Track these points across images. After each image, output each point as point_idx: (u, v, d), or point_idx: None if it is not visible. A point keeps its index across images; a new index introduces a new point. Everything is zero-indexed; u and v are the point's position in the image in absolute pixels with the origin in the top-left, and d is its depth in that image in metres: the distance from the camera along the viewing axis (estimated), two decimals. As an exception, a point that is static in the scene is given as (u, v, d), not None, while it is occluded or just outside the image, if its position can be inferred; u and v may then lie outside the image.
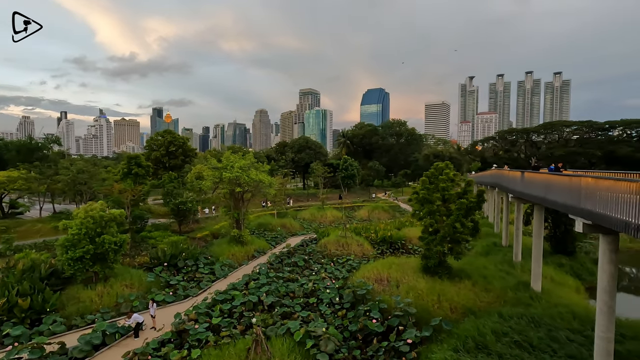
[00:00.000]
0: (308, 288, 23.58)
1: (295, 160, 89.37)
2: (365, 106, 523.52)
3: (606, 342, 13.14)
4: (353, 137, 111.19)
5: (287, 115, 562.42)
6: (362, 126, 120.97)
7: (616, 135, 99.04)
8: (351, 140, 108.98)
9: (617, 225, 11.49)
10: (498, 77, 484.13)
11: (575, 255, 30.52)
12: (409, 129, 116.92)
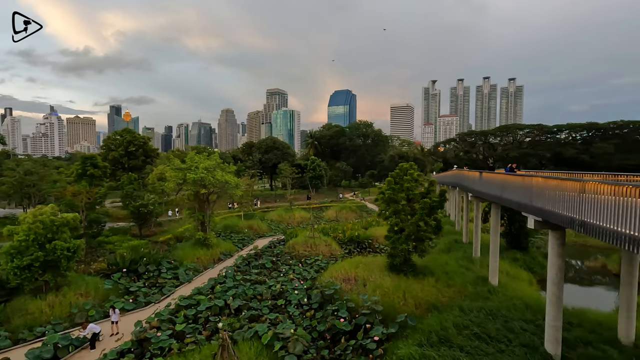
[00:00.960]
0: (276, 290, 23.39)
1: (263, 161, 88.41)
2: (332, 107, 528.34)
3: (555, 330, 14.17)
4: (321, 137, 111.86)
5: (254, 115, 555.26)
6: (330, 127, 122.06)
7: (563, 138, 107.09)
8: (319, 141, 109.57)
9: (564, 221, 12.42)
10: (458, 81, 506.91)
11: (528, 250, 32.60)
12: (375, 131, 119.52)
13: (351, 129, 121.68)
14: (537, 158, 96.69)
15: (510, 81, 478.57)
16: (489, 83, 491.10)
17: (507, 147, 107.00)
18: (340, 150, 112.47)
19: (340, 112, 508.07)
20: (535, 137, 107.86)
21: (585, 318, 17.81)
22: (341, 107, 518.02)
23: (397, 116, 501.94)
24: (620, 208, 9.34)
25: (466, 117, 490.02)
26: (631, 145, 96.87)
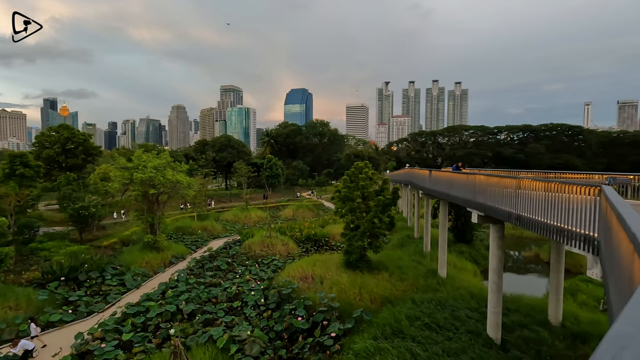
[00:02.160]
0: (232, 292, 22.83)
1: (217, 160, 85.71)
2: (289, 106, 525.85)
3: (496, 315, 15.35)
4: (277, 136, 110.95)
5: (208, 112, 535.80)
6: (286, 126, 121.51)
7: (502, 138, 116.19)
8: (275, 140, 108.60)
9: (503, 216, 13.47)
10: (410, 83, 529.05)
11: (473, 243, 34.99)
12: (331, 130, 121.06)
13: (308, 128, 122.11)
14: (480, 157, 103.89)
15: (457, 84, 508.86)
16: (438, 86, 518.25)
17: (454, 147, 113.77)
18: (297, 149, 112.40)
19: (296, 110, 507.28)
20: (479, 138, 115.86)
21: (522, 303, 19.53)
22: (298, 105, 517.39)
23: (353, 116, 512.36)
24: (549, 202, 10.34)
25: (417, 117, 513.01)
26: (559, 145, 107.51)
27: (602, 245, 6.92)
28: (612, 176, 18.80)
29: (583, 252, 8.74)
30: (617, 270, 3.61)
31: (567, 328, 16.72)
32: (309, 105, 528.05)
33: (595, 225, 8.23)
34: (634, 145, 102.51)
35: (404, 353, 14.11)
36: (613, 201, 4.84)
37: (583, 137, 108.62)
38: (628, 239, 2.81)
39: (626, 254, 2.95)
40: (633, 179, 17.36)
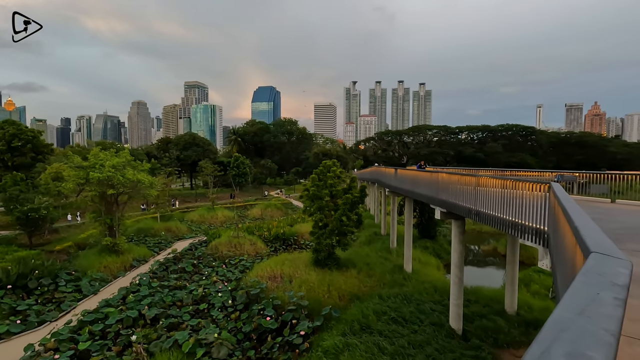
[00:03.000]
0: (198, 294, 22.21)
1: (181, 158, 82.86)
2: (256, 104, 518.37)
3: (457, 307, 16.08)
4: (244, 134, 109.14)
5: (171, 109, 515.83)
6: (254, 124, 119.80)
7: (463, 138, 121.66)
8: (242, 138, 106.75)
9: (464, 212, 14.11)
10: (376, 83, 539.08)
11: (437, 238, 36.39)
12: (299, 128, 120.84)
13: (276, 126, 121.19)
14: (443, 156, 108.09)
15: (421, 85, 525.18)
16: (403, 86, 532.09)
17: (419, 146, 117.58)
18: (264, 147, 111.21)
19: (264, 108, 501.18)
20: (442, 137, 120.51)
21: (481, 295, 20.59)
22: (265, 103, 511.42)
23: (321, 114, 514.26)
24: (505, 199, 10.97)
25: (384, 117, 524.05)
26: (515, 145, 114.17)
27: (551, 238, 7.44)
28: (560, 174, 20.28)
29: (535, 244, 9.36)
30: (563, 260, 3.92)
31: (521, 316, 17.87)
32: (277, 104, 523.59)
33: (545, 220, 8.84)
34: (579, 145, 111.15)
35: (372, 348, 14.42)
36: (560, 197, 5.24)
37: (535, 137, 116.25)
38: (571, 232, 3.06)
39: (570, 246, 3.21)
40: (578, 176, 18.79)
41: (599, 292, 1.31)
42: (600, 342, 0.97)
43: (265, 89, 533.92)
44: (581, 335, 1.01)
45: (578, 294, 1.31)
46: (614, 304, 1.21)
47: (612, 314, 1.14)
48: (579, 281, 1.46)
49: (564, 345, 0.95)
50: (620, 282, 1.43)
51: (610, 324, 1.07)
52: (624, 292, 1.36)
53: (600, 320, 1.10)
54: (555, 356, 0.89)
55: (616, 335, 1.03)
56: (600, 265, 1.73)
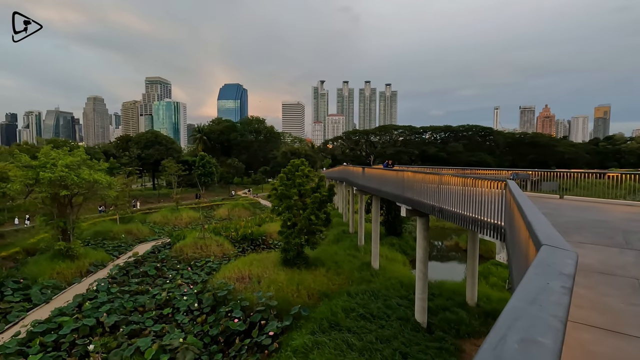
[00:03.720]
0: (161, 298, 21.35)
1: (143, 157, 79.25)
2: (222, 101, 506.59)
3: (422, 301, 16.65)
4: (210, 132, 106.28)
5: (131, 106, 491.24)
6: (220, 122, 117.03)
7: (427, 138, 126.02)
8: (208, 136, 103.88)
9: (428, 209, 14.62)
10: (344, 83, 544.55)
11: (403, 235, 37.44)
12: (267, 127, 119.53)
13: (243, 125, 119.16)
14: (408, 155, 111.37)
15: (387, 86, 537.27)
16: (370, 86, 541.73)
17: (385, 145, 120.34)
18: (231, 146, 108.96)
19: (230, 106, 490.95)
20: (407, 137, 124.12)
21: (444, 288, 21.45)
22: (232, 101, 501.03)
23: (289, 113, 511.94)
24: (465, 196, 11.49)
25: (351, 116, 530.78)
26: (475, 144, 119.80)
27: (507, 233, 7.89)
28: (515, 172, 21.56)
29: (493, 239, 9.89)
30: (518, 253, 4.18)
31: (481, 307, 18.83)
32: (243, 101, 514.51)
33: (502, 215, 9.36)
34: (532, 145, 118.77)
35: (341, 344, 14.59)
36: (515, 194, 5.58)
37: (493, 138, 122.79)
38: (525, 226, 3.27)
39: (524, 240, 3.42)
40: (531, 174, 20.06)
41: (549, 282, 1.41)
42: (549, 328, 1.04)
43: (231, 87, 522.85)
44: (533, 322, 1.07)
45: (530, 284, 1.40)
46: (562, 292, 1.31)
47: (560, 302, 1.23)
48: (531, 272, 1.56)
49: (517, 333, 1.01)
50: (567, 272, 1.55)
51: (558, 311, 1.15)
52: (570, 281, 1.47)
53: (549, 308, 1.18)
54: (510, 343, 0.94)
55: (563, 321, 1.12)
56: (550, 256, 1.87)
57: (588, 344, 3.49)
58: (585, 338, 3.61)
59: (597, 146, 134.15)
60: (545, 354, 0.90)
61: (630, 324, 3.90)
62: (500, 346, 0.92)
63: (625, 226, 9.48)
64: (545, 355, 0.89)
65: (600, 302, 4.54)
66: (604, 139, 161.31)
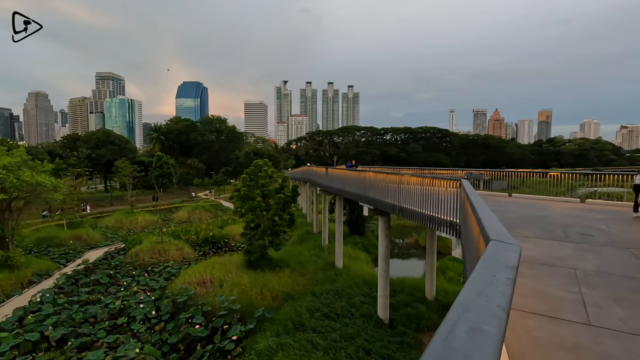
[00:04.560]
0: (115, 307, 20.13)
1: (93, 158, 74.36)
2: (181, 99, 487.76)
3: (384, 298, 17.11)
4: (168, 132, 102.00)
5: (80, 103, 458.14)
6: (179, 121, 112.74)
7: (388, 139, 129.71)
8: (166, 136, 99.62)
9: (389, 208, 15.05)
10: (307, 84, 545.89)
11: (366, 234, 38.23)
12: (229, 126, 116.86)
13: (203, 124, 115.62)
14: (371, 155, 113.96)
15: (349, 88, 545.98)
16: (333, 88, 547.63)
17: (348, 146, 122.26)
18: (191, 146, 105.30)
19: (190, 105, 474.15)
20: (369, 138, 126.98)
21: (405, 284, 22.20)
22: (191, 99, 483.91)
23: (251, 113, 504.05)
24: (424, 195, 11.98)
25: (315, 117, 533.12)
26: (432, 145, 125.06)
27: (462, 229, 8.33)
28: (469, 172, 22.83)
29: (449, 236, 10.40)
30: (470, 249, 4.44)
31: (439, 301, 19.71)
32: (204, 100, 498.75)
33: (457, 213, 9.87)
34: (484, 146, 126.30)
35: (305, 345, 14.61)
36: (468, 192, 5.92)
37: (449, 139, 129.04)
38: (476, 222, 3.50)
39: (475, 235, 3.65)
40: (484, 174, 21.34)
41: (495, 275, 1.52)
42: (494, 317, 1.13)
43: (191, 85, 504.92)
44: (480, 312, 1.16)
45: (479, 277, 1.50)
46: (506, 283, 1.42)
47: (504, 292, 1.34)
48: (479, 266, 1.68)
49: (466, 323, 1.08)
50: (511, 264, 1.69)
51: (502, 301, 1.25)
52: (514, 272, 1.60)
53: (495, 298, 1.28)
54: (459, 333, 1.01)
55: (506, 310, 1.21)
56: (497, 251, 2.02)
57: (532, 330, 3.79)
58: (530, 324, 3.92)
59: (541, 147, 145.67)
60: (489, 340, 0.97)
61: (567, 310, 4.28)
62: (451, 336, 0.98)
63: (564, 221, 10.38)
64: (490, 341, 0.97)
65: (542, 291, 4.94)
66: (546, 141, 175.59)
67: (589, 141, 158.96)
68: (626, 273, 5.72)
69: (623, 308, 4.37)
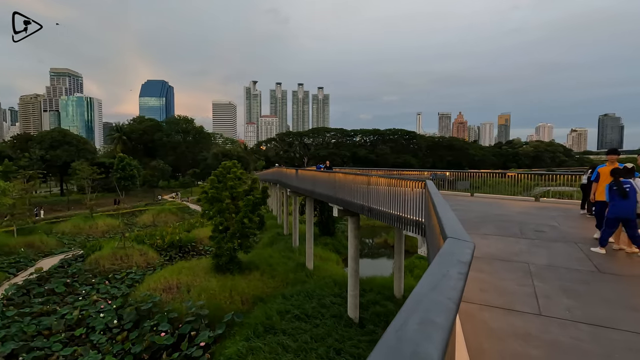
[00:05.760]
0: (72, 318, 18.98)
1: (47, 159, 69.73)
2: (145, 98, 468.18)
3: (354, 297, 17.34)
4: (131, 132, 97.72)
5: (32, 100, 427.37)
6: (143, 120, 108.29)
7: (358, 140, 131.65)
8: (129, 136, 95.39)
9: (358, 209, 15.29)
10: (277, 84, 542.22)
11: (336, 235, 38.54)
12: (196, 127, 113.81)
13: (169, 124, 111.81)
14: (341, 157, 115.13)
15: (319, 89, 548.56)
16: (303, 89, 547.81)
17: (319, 147, 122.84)
18: (156, 147, 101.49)
19: (155, 104, 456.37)
20: (339, 139, 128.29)
21: (374, 283, 22.61)
22: (156, 99, 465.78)
23: (220, 113, 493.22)
24: (392, 196, 12.29)
25: (285, 118, 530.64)
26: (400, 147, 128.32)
27: (426, 228, 8.64)
28: (435, 172, 23.66)
29: (415, 235, 10.73)
30: (433, 247, 4.64)
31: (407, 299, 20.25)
32: (169, 99, 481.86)
33: (422, 212, 10.20)
34: (449, 148, 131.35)
35: (276, 348, 14.51)
36: (431, 192, 6.16)
37: (416, 141, 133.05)
38: (436, 221, 3.66)
39: (437, 234, 3.82)
40: (448, 175, 22.20)
41: (448, 270, 1.62)
42: (444, 309, 1.21)
43: (155, 83, 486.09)
44: (431, 306, 1.23)
45: (434, 272, 1.59)
46: (458, 278, 1.52)
47: (455, 286, 1.43)
48: (435, 262, 1.78)
49: (418, 316, 1.15)
50: (464, 260, 1.80)
51: (453, 294, 1.34)
52: (466, 267, 1.71)
53: (446, 292, 1.36)
54: (411, 325, 1.07)
55: (457, 302, 1.30)
56: (452, 247, 2.14)
57: (489, 322, 4.01)
58: (487, 317, 4.15)
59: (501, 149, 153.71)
60: (438, 330, 1.04)
61: (520, 302, 4.58)
62: (403, 328, 1.04)
63: (520, 219, 11.03)
64: (439, 331, 1.04)
65: (499, 286, 5.24)
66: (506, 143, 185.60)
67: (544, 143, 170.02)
68: (573, 266, 6.19)
69: (569, 298, 4.73)
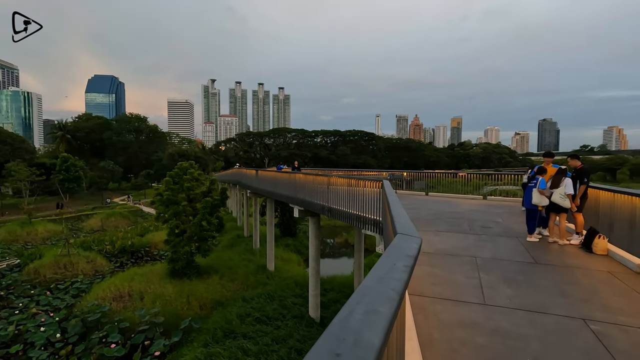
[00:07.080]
0: (8, 334, 17.25)
1: (-23, 160, 62.79)
2: (92, 94, 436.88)
3: (315, 297, 17.46)
4: (76, 130, 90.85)
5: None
6: (90, 118, 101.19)
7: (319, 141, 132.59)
8: (73, 135, 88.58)
9: (318, 209, 15.42)
10: (237, 84, 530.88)
11: (297, 235, 38.51)
12: (150, 126, 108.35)
13: (120, 122, 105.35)
14: (302, 157, 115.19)
15: (280, 89, 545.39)
16: (263, 89, 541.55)
17: (279, 148, 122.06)
18: (105, 146, 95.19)
19: (103, 101, 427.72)
20: (300, 140, 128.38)
21: (335, 283, 22.91)
22: (104, 95, 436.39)
23: (176, 112, 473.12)
24: (351, 196, 12.54)
25: (245, 118, 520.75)
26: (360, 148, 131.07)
27: (383, 227, 8.93)
28: (392, 173, 24.49)
29: (373, 233, 11.04)
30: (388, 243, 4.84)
31: (366, 296, 20.76)
32: (120, 96, 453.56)
33: (380, 212, 10.53)
34: (406, 149, 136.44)
35: (236, 352, 14.22)
36: (386, 192, 6.40)
37: (375, 142, 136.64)
38: (390, 220, 3.83)
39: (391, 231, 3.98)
40: (405, 175, 23.07)
41: (395, 263, 1.71)
42: (388, 299, 1.28)
43: (104, 78, 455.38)
44: (376, 296, 1.30)
45: (381, 266, 1.67)
46: (403, 270, 1.61)
47: (400, 278, 1.52)
48: (384, 256, 1.87)
49: (364, 306, 1.21)
50: (411, 254, 1.91)
51: (397, 285, 1.42)
52: (412, 260, 1.82)
53: (391, 283, 1.45)
54: (356, 315, 1.13)
55: (400, 293, 1.39)
56: (401, 242, 2.26)
57: (439, 313, 4.25)
58: (438, 309, 4.39)
59: (453, 151, 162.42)
60: (381, 319, 1.11)
61: (467, 294, 4.90)
62: (347, 318, 1.10)
63: (470, 216, 11.75)
64: (381, 320, 1.11)
65: (449, 279, 5.56)
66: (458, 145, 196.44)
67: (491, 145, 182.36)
68: (514, 258, 6.73)
69: (510, 288, 5.14)
